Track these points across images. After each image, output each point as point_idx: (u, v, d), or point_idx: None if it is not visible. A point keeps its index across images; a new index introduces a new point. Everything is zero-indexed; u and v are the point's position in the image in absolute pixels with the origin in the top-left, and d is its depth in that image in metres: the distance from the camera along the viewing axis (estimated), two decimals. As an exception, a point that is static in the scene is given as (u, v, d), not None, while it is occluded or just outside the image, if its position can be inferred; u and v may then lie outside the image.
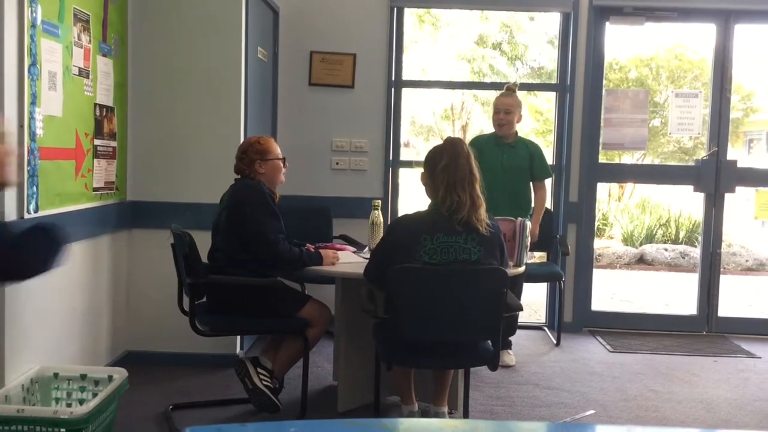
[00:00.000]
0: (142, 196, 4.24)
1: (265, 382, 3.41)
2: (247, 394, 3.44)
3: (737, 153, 15.47)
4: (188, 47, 4.23)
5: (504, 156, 4.51)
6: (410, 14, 12.57)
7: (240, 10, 4.22)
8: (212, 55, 4.21)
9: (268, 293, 3.37)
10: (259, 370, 3.42)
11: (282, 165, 3.58)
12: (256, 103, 4.63)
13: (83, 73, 3.59)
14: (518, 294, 4.23)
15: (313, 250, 3.55)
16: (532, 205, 4.63)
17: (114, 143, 4.02)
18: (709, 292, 5.53)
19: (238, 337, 4.31)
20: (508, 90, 4.58)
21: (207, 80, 4.22)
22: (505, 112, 4.48)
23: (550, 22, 14.16)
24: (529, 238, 3.69)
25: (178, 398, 3.69)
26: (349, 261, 3.58)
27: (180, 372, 4.13)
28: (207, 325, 3.41)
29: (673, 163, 13.62)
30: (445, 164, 2.99)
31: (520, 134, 4.63)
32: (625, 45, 14.09)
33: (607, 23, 5.42)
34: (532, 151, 4.59)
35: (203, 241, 3.51)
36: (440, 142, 3.15)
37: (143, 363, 4.10)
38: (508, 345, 4.64)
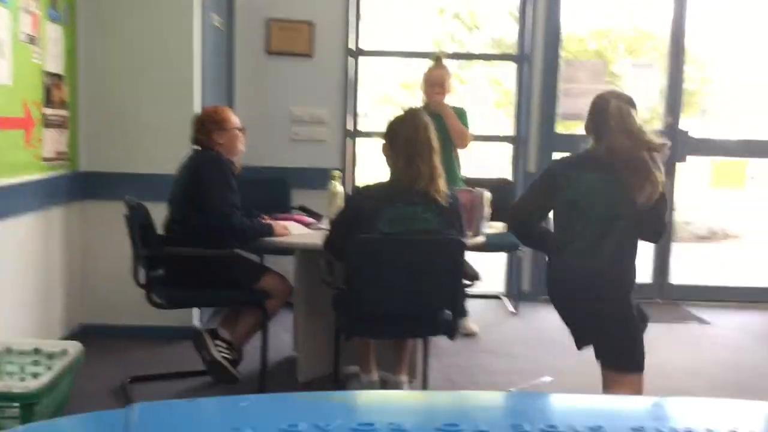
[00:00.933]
0: (95, 167, 4.15)
1: (223, 354, 3.39)
2: (205, 366, 3.42)
3: (695, 122, 15.77)
4: (139, 14, 4.12)
5: (440, 128, 4.43)
6: (369, -18, 12.43)
7: (194, -25, 4.11)
8: (164, 21, 4.11)
9: (225, 265, 3.34)
10: (217, 341, 3.40)
11: (241, 134, 3.53)
12: (211, 72, 4.55)
13: (32, 40, 3.47)
14: None
15: (269, 221, 3.53)
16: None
17: (65, 112, 3.91)
18: (662, 261, 5.65)
19: (196, 310, 4.27)
20: (438, 60, 4.49)
21: (160, 48, 4.12)
22: (440, 85, 4.39)
23: (509, -8, 14.18)
24: (488, 209, 3.70)
25: (136, 371, 3.65)
26: (299, 233, 3.56)
27: (137, 345, 4.09)
28: (164, 297, 3.37)
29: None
30: (405, 135, 2.99)
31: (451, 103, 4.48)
32: (584, 16, 14.17)
33: (566, -6, 5.43)
34: (459, 115, 4.46)
35: (159, 213, 3.45)
36: (401, 112, 3.13)
37: (99, 336, 4.03)
38: (464, 313, 4.67)
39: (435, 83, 4.40)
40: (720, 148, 5.84)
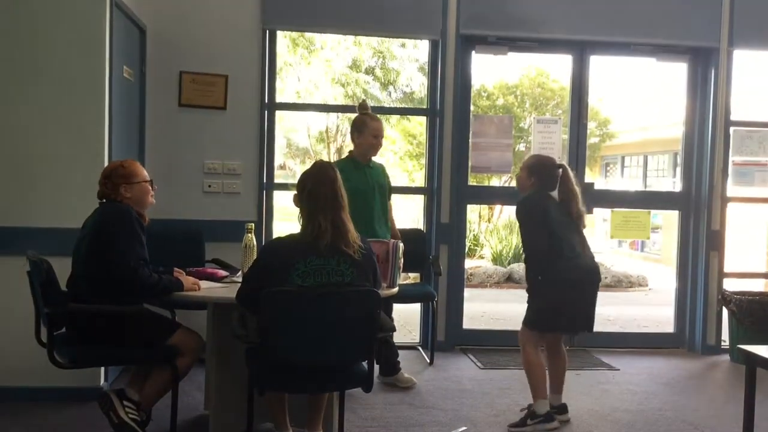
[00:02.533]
0: (-5, 221, 3.98)
1: (131, 415, 3.26)
2: (113, 429, 3.27)
3: (595, 177, 16.47)
4: (48, 65, 4.04)
5: (370, 177, 4.51)
6: (283, 37, 12.58)
7: (104, 26, 4.07)
8: (74, 72, 4.04)
9: (133, 321, 3.23)
10: (125, 402, 3.27)
11: (150, 187, 3.47)
12: (121, 124, 4.47)
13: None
14: (388, 313, 4.28)
15: (183, 274, 3.46)
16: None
17: (-37, 164, 3.75)
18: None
19: (102, 369, 4.10)
20: (363, 108, 4.57)
21: (68, 99, 4.04)
22: (382, 137, 4.52)
23: (420, 49, 14.59)
24: (402, 259, 3.75)
25: (37, 436, 3.47)
26: (212, 286, 3.51)
27: (39, 408, 3.89)
28: (67, 356, 3.22)
29: (537, 185, 14.31)
30: (309, 190, 3.02)
31: (378, 158, 4.65)
32: (493, 73, 14.73)
33: (473, 52, 5.65)
34: (383, 170, 4.65)
35: (62, 268, 3.33)
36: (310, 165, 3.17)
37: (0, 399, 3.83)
38: (395, 369, 4.68)
39: (378, 135, 4.48)
40: (623, 199, 6.11)
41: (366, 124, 4.47)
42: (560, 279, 3.85)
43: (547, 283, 3.88)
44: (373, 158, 4.60)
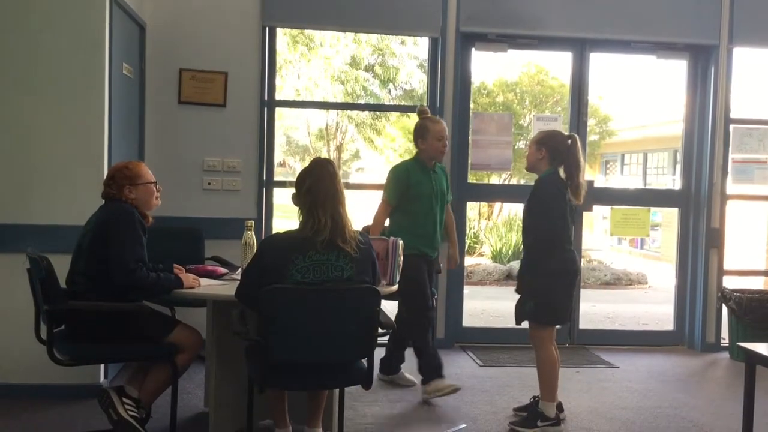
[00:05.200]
0: (-5, 218, 3.98)
1: (131, 413, 3.25)
2: (112, 426, 3.27)
3: (595, 174, 16.48)
4: (48, 62, 4.03)
5: (435, 182, 4.43)
6: (283, 34, 12.58)
7: (103, 24, 4.07)
8: (74, 70, 4.04)
9: (132, 318, 3.23)
10: (125, 399, 3.26)
11: (154, 189, 3.47)
12: (121, 121, 4.47)
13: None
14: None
15: (183, 271, 3.46)
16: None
17: (-37, 162, 3.75)
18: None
19: (102, 366, 4.11)
20: (423, 113, 4.47)
21: (68, 97, 4.04)
22: (446, 139, 4.42)
23: (419, 46, 14.60)
24: (402, 257, 3.74)
25: (36, 434, 3.47)
26: (210, 283, 3.51)
27: (40, 405, 3.89)
28: (67, 354, 3.22)
29: (537, 183, 14.30)
30: (308, 186, 3.02)
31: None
32: (493, 71, 14.73)
33: (473, 49, 5.64)
34: (445, 172, 4.58)
35: (62, 266, 3.32)
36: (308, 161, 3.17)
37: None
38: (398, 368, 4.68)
39: (443, 137, 4.38)
40: (623, 197, 6.11)
41: (428, 128, 4.38)
42: (563, 270, 3.83)
43: (550, 274, 3.79)
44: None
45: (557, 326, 4.08)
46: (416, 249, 4.34)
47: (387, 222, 4.45)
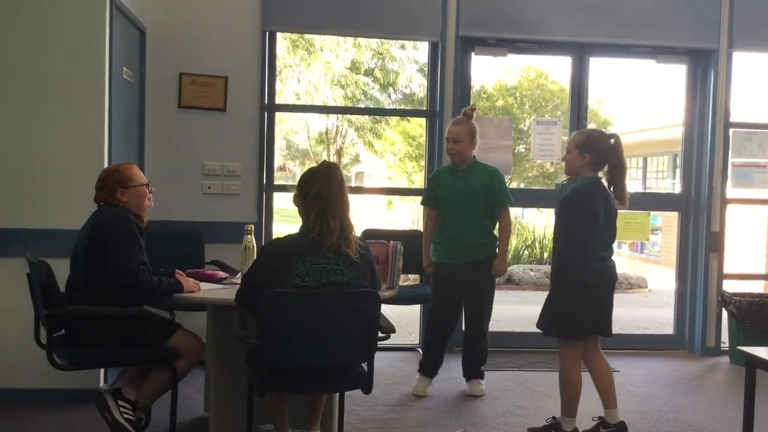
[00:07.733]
0: (-5, 222, 3.98)
1: (126, 415, 3.25)
2: (109, 429, 3.27)
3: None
4: (49, 66, 4.04)
5: (458, 184, 4.35)
6: (283, 38, 12.59)
7: (104, 28, 4.07)
8: (74, 74, 4.04)
9: (132, 323, 3.23)
10: (120, 402, 3.26)
11: (147, 190, 3.47)
12: (121, 125, 4.47)
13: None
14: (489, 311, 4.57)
15: (184, 275, 3.46)
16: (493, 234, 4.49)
17: (-37, 166, 3.75)
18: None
19: (102, 371, 4.10)
20: (465, 115, 4.41)
21: (68, 100, 4.04)
22: (454, 141, 4.32)
23: (419, 50, 14.62)
24: (402, 261, 3.73)
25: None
26: (210, 288, 3.51)
27: (39, 410, 3.89)
28: (67, 358, 3.22)
29: (536, 187, 14.31)
30: (317, 190, 3.00)
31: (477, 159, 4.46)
32: (492, 75, 14.75)
33: (473, 53, 5.65)
34: (490, 174, 4.41)
35: (61, 270, 3.32)
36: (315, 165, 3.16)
37: (-3, 401, 3.82)
38: (480, 374, 4.65)
39: (449, 139, 4.35)
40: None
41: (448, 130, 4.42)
42: (587, 281, 3.55)
43: (570, 284, 3.57)
44: (485, 162, 4.51)
45: (581, 340, 3.71)
46: (436, 255, 4.35)
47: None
